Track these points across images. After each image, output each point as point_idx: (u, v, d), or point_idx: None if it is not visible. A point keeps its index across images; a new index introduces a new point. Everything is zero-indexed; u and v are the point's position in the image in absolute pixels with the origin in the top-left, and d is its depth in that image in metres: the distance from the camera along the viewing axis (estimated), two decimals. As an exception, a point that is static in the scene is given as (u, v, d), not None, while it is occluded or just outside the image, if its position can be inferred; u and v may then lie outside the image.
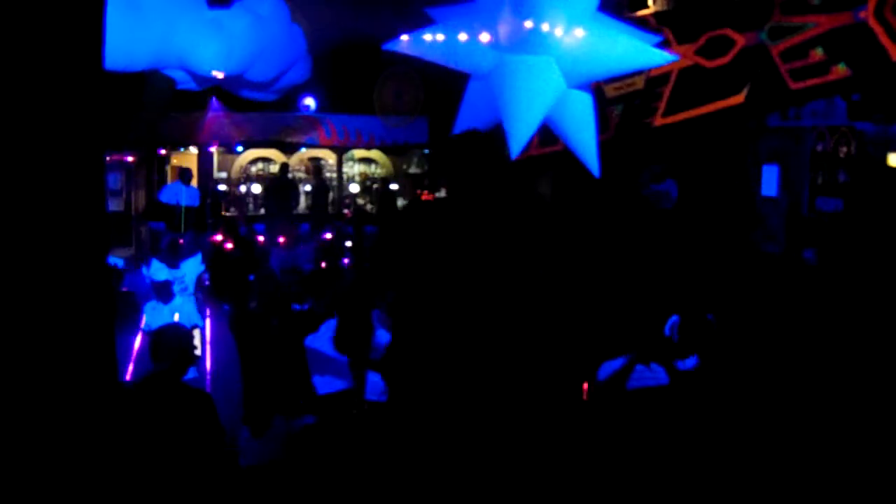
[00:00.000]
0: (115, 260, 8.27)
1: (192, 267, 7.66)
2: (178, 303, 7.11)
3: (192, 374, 6.15)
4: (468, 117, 5.28)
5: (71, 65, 2.39)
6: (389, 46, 5.12)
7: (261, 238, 10.98)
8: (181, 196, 11.38)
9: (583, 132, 4.92)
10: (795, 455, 4.59)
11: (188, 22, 7.03)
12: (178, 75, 7.91)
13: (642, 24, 6.97)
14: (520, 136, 4.68)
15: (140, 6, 6.49)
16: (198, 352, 6.77)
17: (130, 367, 6.64)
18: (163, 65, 7.26)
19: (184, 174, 11.99)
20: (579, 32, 4.54)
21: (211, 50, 7.10)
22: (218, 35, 7.13)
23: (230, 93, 9.36)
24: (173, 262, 7.57)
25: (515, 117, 4.74)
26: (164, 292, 7.03)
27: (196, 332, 6.91)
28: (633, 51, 4.51)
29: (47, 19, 2.32)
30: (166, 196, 11.54)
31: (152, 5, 6.63)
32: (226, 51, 7.18)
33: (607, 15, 4.78)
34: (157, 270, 7.61)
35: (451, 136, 4.46)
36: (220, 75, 7.61)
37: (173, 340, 3.84)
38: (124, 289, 8.29)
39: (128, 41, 6.33)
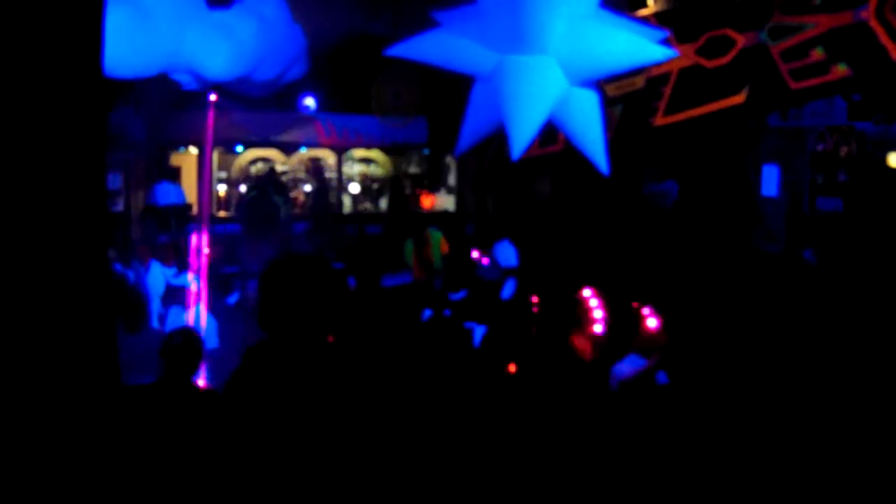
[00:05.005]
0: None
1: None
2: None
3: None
4: (474, 120, 5.26)
5: (71, 66, 2.39)
6: (390, 52, 5.08)
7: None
8: (171, 196, 11.31)
9: (590, 131, 4.87)
10: (794, 452, 4.59)
11: (197, 27, 7.04)
12: (183, 77, 7.91)
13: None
14: (522, 137, 4.65)
15: (149, 13, 6.48)
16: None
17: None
18: (172, 70, 7.26)
19: (172, 173, 11.88)
20: (579, 30, 4.52)
21: (220, 55, 7.11)
22: (226, 39, 7.15)
23: (224, 89, 9.34)
24: (180, 265, 7.52)
25: (516, 119, 4.72)
26: (178, 297, 6.87)
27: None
28: (633, 47, 4.47)
29: (48, 22, 2.32)
30: (163, 197, 11.47)
31: (161, 12, 6.63)
32: (235, 55, 7.20)
33: (609, 11, 4.74)
34: (157, 275, 7.53)
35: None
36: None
37: (184, 343, 3.87)
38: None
39: (138, 49, 6.32)
